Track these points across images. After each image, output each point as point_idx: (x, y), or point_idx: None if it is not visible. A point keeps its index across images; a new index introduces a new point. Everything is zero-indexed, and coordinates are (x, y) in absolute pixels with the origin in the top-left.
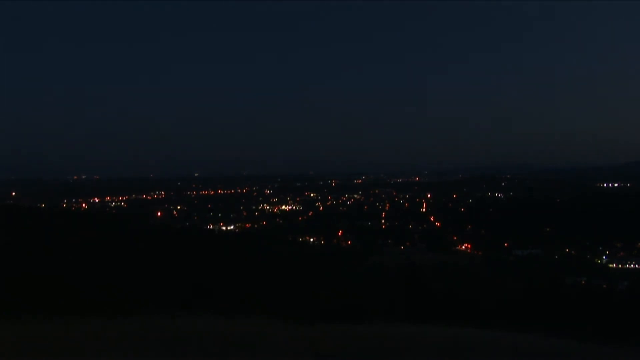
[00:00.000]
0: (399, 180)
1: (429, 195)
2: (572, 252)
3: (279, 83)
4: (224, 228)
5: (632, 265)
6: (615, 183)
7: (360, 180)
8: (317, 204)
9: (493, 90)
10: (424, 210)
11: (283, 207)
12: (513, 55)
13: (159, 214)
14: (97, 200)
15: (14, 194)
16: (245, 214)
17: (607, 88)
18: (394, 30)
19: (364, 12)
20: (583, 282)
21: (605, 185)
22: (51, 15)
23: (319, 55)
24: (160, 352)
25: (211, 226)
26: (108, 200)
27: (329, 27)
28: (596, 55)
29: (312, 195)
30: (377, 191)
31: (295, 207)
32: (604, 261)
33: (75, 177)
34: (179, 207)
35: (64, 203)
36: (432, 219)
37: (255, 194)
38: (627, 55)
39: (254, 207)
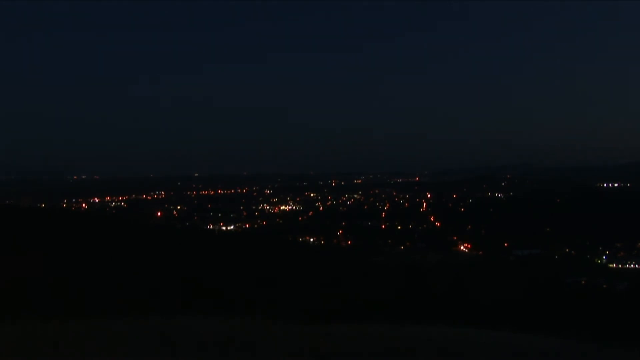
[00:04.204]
0: (399, 180)
1: (429, 195)
2: (572, 252)
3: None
4: (224, 228)
5: (632, 265)
6: (615, 183)
7: (360, 180)
8: (317, 204)
9: (493, 90)
10: (424, 210)
11: (283, 207)
12: (512, 54)
13: (159, 214)
14: (97, 200)
15: (13, 194)
16: (245, 214)
17: (607, 88)
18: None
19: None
20: (583, 282)
21: (605, 185)
22: (44, 13)
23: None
24: (160, 352)
25: (211, 226)
26: (108, 200)
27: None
28: (596, 55)
29: (312, 195)
30: (377, 191)
31: (295, 207)
32: (604, 261)
33: (75, 177)
34: (179, 207)
35: (64, 203)
36: (432, 219)
37: (255, 194)
38: (627, 55)
39: (254, 207)
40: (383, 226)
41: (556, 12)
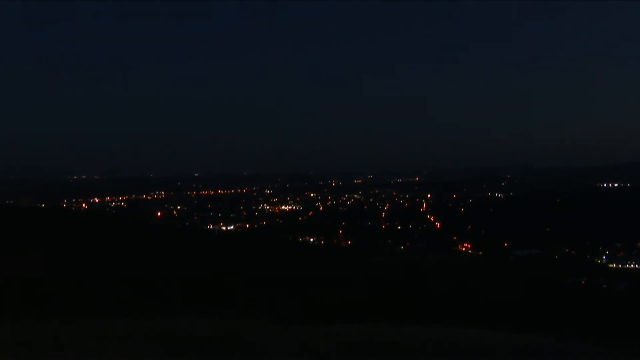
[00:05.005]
0: (399, 180)
1: (429, 195)
2: (572, 252)
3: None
4: (224, 228)
5: (632, 265)
6: (615, 183)
7: (360, 180)
8: (317, 204)
9: (492, 91)
10: (424, 210)
11: (283, 207)
12: (513, 54)
13: (159, 214)
14: (97, 200)
15: (13, 194)
16: (245, 214)
17: (607, 88)
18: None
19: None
20: (583, 282)
21: (605, 185)
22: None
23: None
24: (160, 352)
25: (211, 226)
26: (108, 200)
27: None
28: (596, 54)
29: (312, 195)
30: (377, 191)
31: (295, 207)
32: (604, 261)
33: (75, 177)
34: (179, 207)
35: (64, 203)
36: (432, 219)
37: (255, 194)
38: (627, 55)
39: (254, 207)
40: (383, 226)
41: (556, 12)
